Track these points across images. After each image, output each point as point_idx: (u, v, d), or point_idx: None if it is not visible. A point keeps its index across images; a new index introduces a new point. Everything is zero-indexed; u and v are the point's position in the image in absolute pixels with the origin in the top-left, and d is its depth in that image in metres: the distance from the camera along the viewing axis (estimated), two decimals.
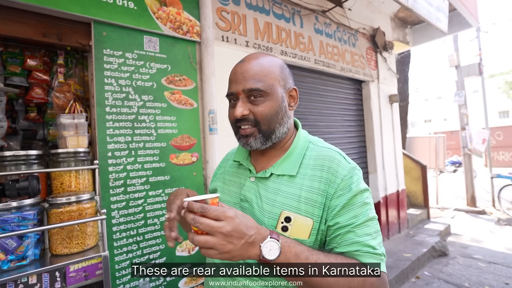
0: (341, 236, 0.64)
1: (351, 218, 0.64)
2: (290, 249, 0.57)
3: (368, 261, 0.62)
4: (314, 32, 2.99)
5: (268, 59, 0.73)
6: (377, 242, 0.64)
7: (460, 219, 5.43)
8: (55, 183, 1.33)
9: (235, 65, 0.74)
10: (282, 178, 0.72)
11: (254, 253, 0.55)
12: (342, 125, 3.54)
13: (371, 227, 0.65)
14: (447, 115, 29.88)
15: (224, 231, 0.52)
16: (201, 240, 0.52)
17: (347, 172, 0.68)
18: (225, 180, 0.85)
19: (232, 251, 0.53)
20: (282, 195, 0.69)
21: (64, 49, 1.82)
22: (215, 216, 0.53)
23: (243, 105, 0.70)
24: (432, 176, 6.39)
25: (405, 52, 6.05)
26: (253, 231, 0.55)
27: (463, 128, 6.41)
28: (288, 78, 0.75)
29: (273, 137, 0.72)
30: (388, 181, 3.91)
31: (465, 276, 3.11)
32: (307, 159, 0.73)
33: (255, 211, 0.70)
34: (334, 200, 0.66)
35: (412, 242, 3.78)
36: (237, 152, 0.85)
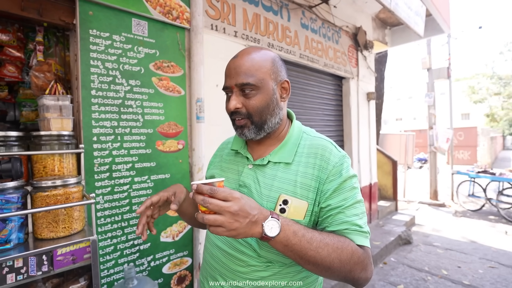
0: (332, 217, 0.71)
1: (341, 201, 0.71)
2: (288, 227, 0.63)
3: (355, 237, 0.69)
4: (301, 27, 3.05)
5: (261, 53, 0.78)
6: (363, 222, 0.72)
7: (423, 211, 5.90)
8: (37, 166, 1.29)
9: (230, 60, 0.79)
10: (278, 165, 0.78)
11: (257, 231, 0.61)
12: (322, 119, 3.67)
13: (358, 208, 0.72)
14: (417, 114, 31.68)
15: (232, 210, 0.57)
16: (211, 218, 0.57)
17: (338, 160, 0.75)
18: (222, 167, 0.90)
19: (238, 228, 0.58)
20: (279, 181, 0.75)
21: (42, 25, 1.71)
22: (223, 197, 0.57)
23: (236, 99, 0.75)
24: (401, 171, 6.82)
25: (383, 52, 6.31)
26: (256, 211, 0.61)
27: (431, 127, 6.88)
28: (279, 71, 0.79)
29: (265, 127, 0.78)
30: (362, 174, 4.13)
31: (425, 261, 3.42)
32: (302, 148, 0.80)
33: (254, 195, 0.76)
34: (326, 185, 0.73)
35: (381, 231, 4.06)
36: (234, 141, 0.90)
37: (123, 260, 1.59)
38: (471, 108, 27.51)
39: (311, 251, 0.63)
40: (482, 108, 24.60)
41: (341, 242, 0.66)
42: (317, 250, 0.63)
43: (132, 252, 1.63)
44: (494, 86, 21.56)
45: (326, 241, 0.65)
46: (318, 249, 0.63)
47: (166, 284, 1.78)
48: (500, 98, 21.68)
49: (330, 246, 0.65)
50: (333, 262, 0.64)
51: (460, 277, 3.04)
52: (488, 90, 21.77)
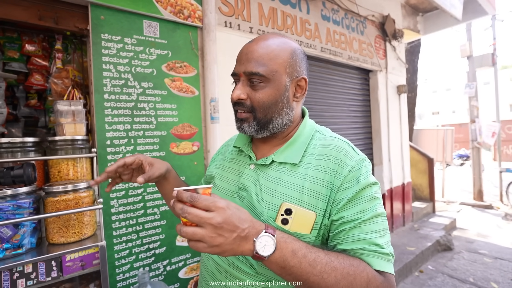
0: (346, 232, 0.59)
1: (357, 213, 0.59)
2: (286, 245, 0.53)
3: (373, 260, 0.57)
4: (321, 19, 2.88)
5: (280, 41, 0.67)
6: (384, 241, 0.59)
7: (466, 213, 5.36)
8: (52, 171, 1.31)
9: (244, 45, 0.69)
10: (284, 166, 0.67)
11: (247, 248, 0.51)
12: (348, 116, 3.46)
13: (378, 223, 0.60)
14: (456, 107, 29.27)
15: (213, 222, 0.48)
16: (189, 231, 0.48)
17: (355, 164, 0.63)
18: (224, 166, 0.81)
19: (223, 244, 0.49)
20: (284, 185, 0.64)
21: (62, 34, 1.76)
22: (205, 206, 0.49)
23: (241, 88, 0.66)
24: (438, 169, 6.29)
25: (415, 41, 5.86)
26: (246, 225, 0.51)
27: (473, 121, 6.25)
28: (298, 66, 0.68)
29: (269, 127, 0.68)
30: (394, 174, 3.84)
31: (470, 271, 3.07)
32: (312, 148, 0.68)
33: (253, 201, 0.66)
34: (340, 193, 0.61)
35: (416, 235, 3.73)
36: (238, 138, 0.81)
37: (139, 264, 1.58)
38: None
39: (313, 276, 0.52)
40: None
41: (354, 266, 0.54)
42: (321, 275, 0.52)
43: (147, 256, 1.62)
44: None
45: (333, 265, 0.53)
46: (323, 274, 0.52)
47: None
48: None
49: (339, 271, 0.53)
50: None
51: None
52: None
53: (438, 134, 6.35)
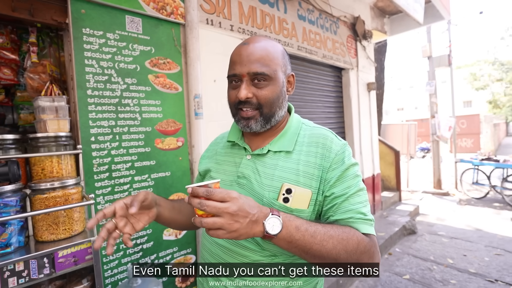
0: (338, 205, 0.70)
1: (345, 189, 0.71)
2: (290, 223, 0.61)
3: (360, 226, 0.68)
4: (298, 18, 3.00)
5: (272, 43, 0.76)
6: (367, 210, 0.71)
7: (427, 201, 5.88)
8: (35, 169, 1.28)
9: (239, 47, 0.75)
10: (279, 154, 0.76)
11: (258, 230, 0.59)
12: (323, 112, 3.63)
13: (361, 196, 0.72)
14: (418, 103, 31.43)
15: (230, 211, 0.55)
16: (210, 221, 0.55)
17: (340, 148, 0.74)
18: (218, 160, 0.87)
19: (239, 229, 0.56)
20: (281, 170, 0.73)
21: (35, 26, 1.69)
22: (221, 198, 0.55)
23: (247, 88, 0.72)
24: (404, 161, 6.79)
25: (382, 42, 6.23)
26: (256, 210, 0.58)
27: (433, 116, 6.82)
28: (287, 64, 0.79)
29: (272, 120, 0.76)
30: (365, 166, 4.11)
31: (431, 251, 3.42)
32: (302, 137, 0.78)
33: (254, 186, 0.74)
34: (329, 173, 0.72)
35: (385, 222, 4.05)
36: (231, 133, 0.87)
37: (127, 260, 1.59)
38: (473, 96, 27.24)
39: (315, 245, 0.62)
40: (484, 95, 24.36)
41: (346, 232, 0.65)
42: (321, 243, 0.62)
43: (135, 252, 1.63)
44: (496, 72, 21.31)
45: (330, 233, 0.63)
46: (323, 242, 0.62)
47: (171, 282, 1.78)
48: (503, 84, 21.45)
49: (335, 238, 0.63)
50: (339, 254, 0.63)
51: (466, 265, 3.03)
52: (490, 77, 21.53)
53: (403, 128, 6.84)
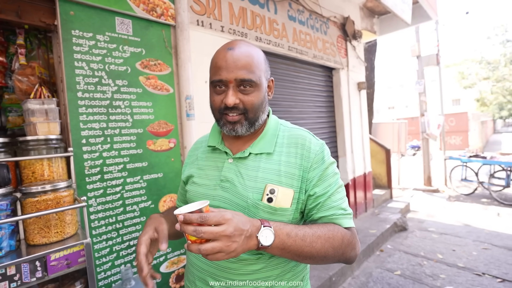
0: (321, 204, 0.74)
1: (326, 187, 0.75)
2: (281, 231, 0.64)
3: (342, 221, 0.74)
4: (288, 19, 3.03)
5: (256, 50, 0.78)
6: (346, 204, 0.77)
7: (418, 198, 5.99)
8: (26, 172, 1.27)
9: (223, 52, 0.74)
10: (260, 156, 0.78)
11: (253, 244, 0.61)
12: (314, 111, 3.68)
13: (341, 192, 0.77)
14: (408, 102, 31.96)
15: (228, 233, 0.55)
16: (208, 248, 0.55)
17: (319, 148, 0.78)
18: (199, 165, 0.87)
19: (237, 248, 0.57)
20: (263, 171, 0.76)
21: (22, 28, 1.67)
22: (216, 222, 0.56)
23: (234, 94, 0.73)
24: (395, 159, 6.91)
25: (372, 41, 6.33)
26: (248, 225, 0.60)
27: (422, 115, 6.95)
28: (268, 69, 0.82)
29: (256, 124, 0.78)
30: (356, 164, 4.17)
31: (421, 247, 3.49)
32: (281, 139, 0.81)
33: (238, 189, 0.75)
34: (310, 173, 0.75)
35: (377, 219, 4.12)
36: (211, 138, 0.88)
37: (120, 262, 1.59)
38: (462, 94, 27.86)
39: (306, 248, 0.65)
40: (472, 93, 24.93)
41: (331, 230, 0.70)
42: (311, 245, 0.66)
43: (128, 253, 1.63)
44: (483, 71, 21.83)
45: (318, 234, 0.67)
46: (312, 244, 0.66)
47: (164, 283, 1.78)
48: (489, 82, 21.98)
49: (322, 238, 0.67)
50: (328, 251, 0.68)
51: (455, 260, 3.11)
52: (477, 75, 22.04)
53: (393, 127, 6.95)
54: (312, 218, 0.76)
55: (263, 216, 0.72)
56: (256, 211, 0.72)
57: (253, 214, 0.73)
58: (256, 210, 0.72)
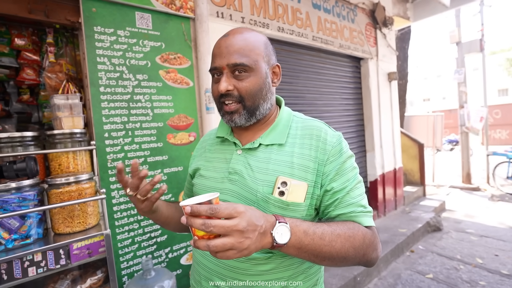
0: (340, 200, 0.69)
1: (344, 182, 0.69)
2: (298, 228, 0.58)
3: (362, 219, 0.68)
4: (312, 7, 2.89)
5: (253, 34, 0.73)
6: (366, 201, 0.71)
7: (455, 196, 5.55)
8: (53, 164, 1.33)
9: (219, 39, 0.73)
10: (271, 147, 0.73)
11: (267, 242, 0.55)
12: (340, 104, 3.52)
13: (360, 188, 0.71)
14: (446, 93, 29.68)
15: (240, 227, 0.49)
16: (219, 244, 0.49)
17: (336, 140, 0.72)
18: (207, 158, 0.84)
19: (250, 246, 0.51)
20: (274, 163, 0.70)
21: (52, 27, 1.75)
22: (228, 215, 0.50)
23: (227, 80, 0.69)
24: (429, 155, 6.46)
25: (405, 29, 5.90)
26: (262, 220, 0.54)
27: (462, 106, 6.40)
28: (271, 55, 0.76)
29: (257, 113, 0.73)
30: (386, 159, 3.94)
31: (457, 249, 3.23)
32: (294, 130, 0.76)
33: (246, 181, 0.71)
34: (327, 166, 0.69)
35: (407, 218, 3.87)
36: (220, 128, 0.84)
37: (141, 252, 1.64)
38: (510, 83, 25.25)
39: (325, 247, 0.60)
40: None
41: (351, 229, 0.64)
42: (331, 244, 0.60)
43: (149, 245, 1.67)
44: None
45: (337, 232, 0.62)
46: (332, 243, 0.60)
47: (185, 275, 1.81)
48: None
49: (342, 237, 0.62)
50: (348, 251, 0.62)
51: (498, 266, 2.83)
52: None
53: (428, 120, 6.48)
54: (329, 215, 0.71)
55: (274, 211, 0.67)
56: (267, 205, 0.67)
57: (263, 209, 0.68)
58: (267, 204, 0.67)
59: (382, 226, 3.58)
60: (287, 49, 2.80)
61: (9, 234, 1.07)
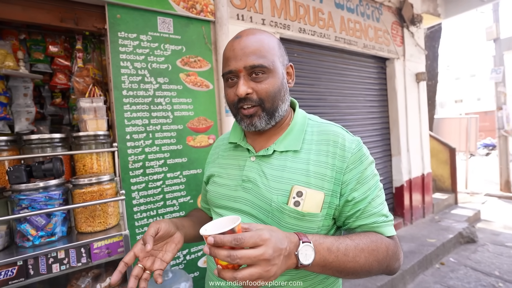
0: (362, 210, 0.66)
1: (366, 191, 0.66)
2: (321, 246, 0.56)
3: (384, 230, 0.66)
4: (335, 7, 2.82)
5: (266, 34, 0.71)
6: (387, 209, 0.69)
7: (492, 205, 5.14)
8: (78, 165, 1.39)
9: (231, 41, 0.70)
10: (286, 154, 0.70)
11: (292, 263, 0.53)
12: (364, 106, 3.38)
13: (381, 196, 0.69)
14: (481, 94, 27.76)
15: (267, 256, 0.47)
16: (246, 275, 0.47)
17: (355, 146, 0.68)
18: (220, 164, 0.81)
19: (276, 272, 0.49)
20: (289, 171, 0.67)
21: (81, 34, 1.84)
22: (253, 244, 0.47)
23: (245, 83, 0.66)
24: (461, 160, 6.05)
25: (435, 26, 5.59)
26: (286, 243, 0.52)
27: (500, 108, 5.93)
28: (285, 55, 0.74)
29: (276, 115, 0.70)
30: (413, 164, 3.74)
31: (496, 264, 2.96)
32: (309, 135, 0.72)
33: (261, 190, 0.68)
34: (347, 174, 0.66)
35: (437, 227, 3.63)
36: (232, 134, 0.81)
37: None
38: None
39: (350, 263, 0.58)
40: None
41: (374, 242, 0.63)
42: (355, 259, 0.59)
43: None
44: None
45: (360, 247, 0.60)
46: (356, 258, 0.59)
47: (202, 278, 1.81)
48: None
49: (366, 251, 0.60)
50: (372, 265, 0.61)
51: None
52: None
53: (461, 123, 6.07)
54: (349, 226, 0.68)
55: (289, 222, 0.64)
56: (281, 216, 0.65)
57: (278, 219, 0.65)
58: (281, 215, 0.65)
59: (409, 235, 3.38)
60: (309, 50, 2.75)
61: (36, 231, 1.12)
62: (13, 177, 1.10)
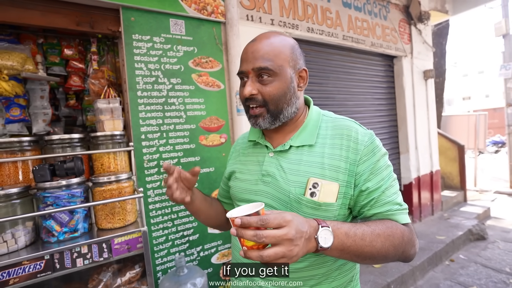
0: (376, 199, 0.69)
1: (379, 181, 0.69)
2: (340, 231, 0.59)
3: (399, 217, 0.69)
4: (342, 6, 2.82)
5: (280, 38, 0.74)
6: (401, 198, 0.71)
7: (501, 202, 5.08)
8: (96, 164, 1.43)
9: (247, 44, 0.75)
10: (302, 149, 0.74)
11: (312, 246, 0.56)
12: (372, 104, 3.38)
13: (395, 186, 0.72)
14: (490, 91, 27.32)
15: (290, 236, 0.51)
16: (271, 254, 0.50)
17: (368, 139, 0.72)
18: (241, 161, 0.87)
19: (298, 252, 0.53)
20: (305, 164, 0.72)
21: (96, 37, 1.89)
22: (278, 224, 0.51)
23: (252, 85, 0.71)
24: (470, 157, 5.98)
25: (443, 23, 5.54)
26: (306, 226, 0.55)
27: (509, 104, 5.85)
28: (298, 59, 0.76)
29: (281, 117, 0.74)
30: (421, 162, 3.72)
31: (506, 261, 2.94)
32: (324, 130, 0.76)
33: (280, 183, 0.73)
34: (360, 166, 0.69)
35: (446, 224, 3.62)
36: (251, 132, 0.87)
37: (175, 250, 1.70)
38: None
39: (366, 247, 0.60)
40: None
41: (390, 228, 0.65)
42: (371, 244, 0.61)
43: (182, 243, 1.73)
44: None
45: (377, 232, 0.63)
46: (372, 243, 0.61)
47: (215, 274, 1.85)
48: None
49: (382, 236, 0.63)
50: (388, 250, 0.63)
51: None
52: None
53: (469, 120, 6.01)
54: (364, 214, 0.71)
55: (306, 212, 0.69)
56: (299, 206, 0.69)
57: (296, 209, 0.70)
58: (299, 205, 0.69)
59: (418, 232, 3.37)
60: (317, 49, 2.76)
61: (60, 227, 1.17)
62: (38, 176, 1.15)
